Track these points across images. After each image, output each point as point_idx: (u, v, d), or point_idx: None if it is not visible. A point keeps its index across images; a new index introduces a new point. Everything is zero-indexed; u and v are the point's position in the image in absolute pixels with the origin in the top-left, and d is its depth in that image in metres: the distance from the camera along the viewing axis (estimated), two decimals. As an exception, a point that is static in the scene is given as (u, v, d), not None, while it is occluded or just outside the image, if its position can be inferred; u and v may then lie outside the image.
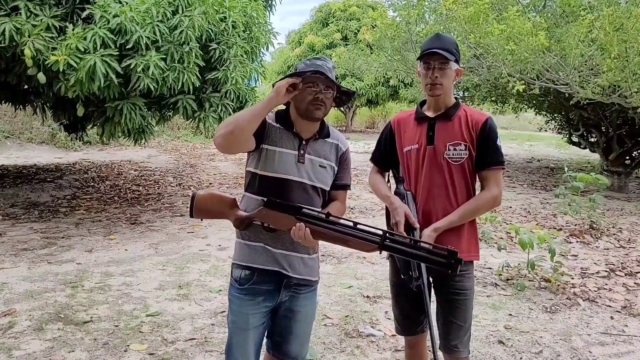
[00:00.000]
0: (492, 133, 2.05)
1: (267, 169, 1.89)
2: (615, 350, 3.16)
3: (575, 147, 11.37)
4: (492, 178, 2.06)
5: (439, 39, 2.08)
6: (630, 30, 5.77)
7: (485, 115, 2.11)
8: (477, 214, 2.09)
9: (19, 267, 4.37)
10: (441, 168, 2.06)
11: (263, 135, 1.88)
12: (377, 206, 7.28)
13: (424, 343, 2.31)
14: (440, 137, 2.07)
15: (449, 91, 2.09)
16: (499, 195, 2.07)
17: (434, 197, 2.07)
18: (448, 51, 2.02)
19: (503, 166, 2.09)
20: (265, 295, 1.95)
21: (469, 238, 2.10)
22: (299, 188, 1.90)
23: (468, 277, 2.10)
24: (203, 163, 11.41)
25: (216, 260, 4.69)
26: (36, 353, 2.90)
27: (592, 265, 4.77)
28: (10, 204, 6.70)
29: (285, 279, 1.94)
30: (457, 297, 2.09)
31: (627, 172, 9.35)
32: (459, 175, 2.06)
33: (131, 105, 5.16)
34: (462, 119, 2.08)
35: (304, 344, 2.08)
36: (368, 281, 4.22)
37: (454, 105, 2.11)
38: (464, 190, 2.07)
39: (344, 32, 19.91)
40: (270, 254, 1.92)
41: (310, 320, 2.08)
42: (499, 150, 2.07)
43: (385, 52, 10.52)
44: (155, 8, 4.94)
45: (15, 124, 12.53)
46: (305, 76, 1.86)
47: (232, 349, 1.97)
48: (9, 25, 4.51)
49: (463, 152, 2.05)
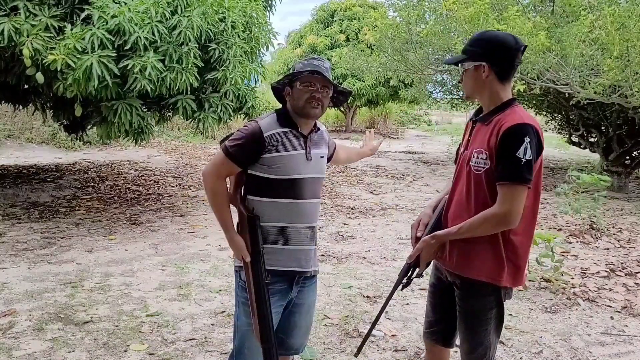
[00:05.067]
0: (513, 140, 1.74)
1: (279, 173, 1.90)
2: (615, 350, 3.15)
3: (575, 147, 11.36)
4: (501, 194, 1.77)
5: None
6: (632, 30, 5.76)
7: (520, 119, 1.78)
8: (477, 232, 1.83)
9: (19, 267, 4.36)
10: (465, 176, 1.91)
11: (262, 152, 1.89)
12: (377, 206, 7.28)
13: (441, 355, 2.19)
14: (473, 142, 1.91)
15: (481, 91, 1.90)
16: (507, 215, 1.76)
17: (453, 204, 1.96)
18: (462, 52, 1.92)
19: (520, 183, 1.74)
20: (279, 294, 1.96)
21: (485, 257, 1.87)
22: (310, 183, 1.96)
23: (477, 298, 1.92)
24: (203, 163, 11.40)
25: (216, 260, 4.68)
26: (36, 353, 2.90)
27: (592, 265, 4.77)
28: (10, 204, 6.70)
29: (298, 275, 1.97)
30: (464, 314, 1.97)
31: (627, 172, 9.35)
32: (478, 185, 1.85)
33: (127, 106, 5.14)
34: (496, 124, 1.82)
35: (306, 335, 2.12)
36: (368, 281, 4.21)
37: (498, 107, 1.87)
38: (480, 202, 1.84)
39: (347, 33, 19.87)
40: (288, 253, 1.95)
41: (313, 311, 2.12)
42: (517, 163, 1.73)
43: (385, 53, 10.52)
44: (154, 8, 4.93)
45: (15, 124, 12.52)
46: (303, 75, 1.88)
47: (244, 352, 1.95)
48: (7, 25, 4.51)
49: (484, 161, 1.82)
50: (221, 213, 1.93)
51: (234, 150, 1.88)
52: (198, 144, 15.00)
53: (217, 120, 6.02)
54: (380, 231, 5.84)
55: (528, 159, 1.73)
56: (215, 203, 1.94)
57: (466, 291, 1.94)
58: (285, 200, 1.92)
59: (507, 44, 1.83)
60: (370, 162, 11.96)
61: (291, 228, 1.94)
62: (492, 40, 1.86)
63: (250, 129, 1.89)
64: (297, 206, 1.93)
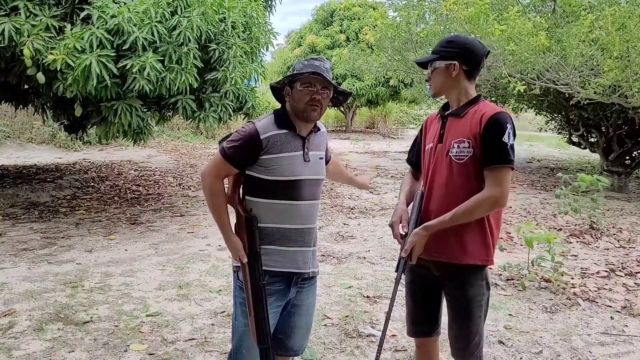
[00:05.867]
0: (498, 128, 1.91)
1: (276, 174, 1.91)
2: (615, 350, 3.15)
3: (575, 147, 11.36)
4: (492, 177, 1.92)
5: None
6: (632, 30, 5.76)
7: (496, 109, 1.97)
8: (472, 215, 1.95)
9: (19, 267, 4.36)
10: (445, 166, 2.01)
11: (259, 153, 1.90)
12: (377, 206, 7.28)
13: (431, 346, 2.27)
14: (449, 135, 2.03)
15: (450, 88, 2.05)
16: (500, 196, 1.91)
17: (435, 197, 2.05)
18: (432, 52, 2.07)
19: (508, 164, 1.92)
20: (277, 295, 1.97)
21: (475, 240, 1.99)
22: (308, 185, 1.95)
23: (472, 284, 2.02)
24: (203, 163, 11.40)
25: (216, 260, 4.68)
26: (36, 353, 2.90)
27: (592, 265, 4.77)
28: (10, 204, 6.70)
29: (295, 276, 1.97)
30: (460, 303, 2.04)
31: (627, 172, 9.35)
32: (461, 174, 1.97)
33: (127, 106, 5.14)
34: (472, 116, 1.99)
35: (306, 337, 2.11)
36: (368, 281, 4.22)
37: (469, 102, 2.03)
38: (465, 190, 1.96)
39: (347, 33, 19.86)
40: (285, 254, 1.95)
41: (313, 312, 2.11)
42: (505, 147, 1.90)
43: (385, 52, 10.51)
44: (154, 9, 4.93)
45: (15, 124, 12.53)
46: (303, 76, 1.87)
47: (242, 352, 1.96)
48: (8, 25, 4.51)
49: (467, 149, 1.96)
50: (218, 213, 1.94)
51: (231, 152, 1.89)
52: (198, 144, 15.01)
53: (217, 120, 6.02)
54: (380, 231, 5.84)
55: (512, 143, 1.92)
56: (212, 203, 1.95)
57: (461, 280, 2.02)
58: (282, 202, 1.92)
59: (477, 47, 2.02)
60: (370, 162, 11.97)
61: (289, 229, 1.94)
62: (464, 42, 2.04)
63: (247, 131, 1.90)
64: (295, 208, 1.93)
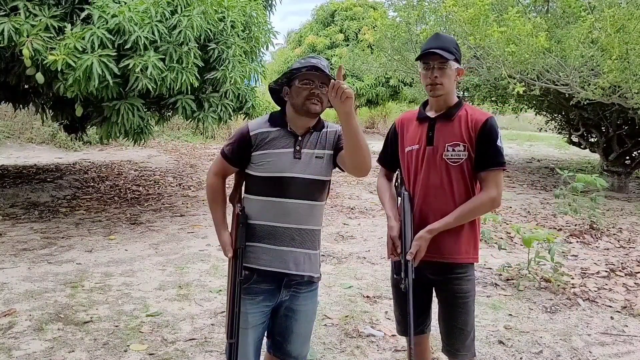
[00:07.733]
0: (492, 133, 2.00)
1: (264, 170, 1.93)
2: (615, 350, 3.15)
3: (575, 147, 11.36)
4: (490, 179, 2.01)
5: (438, 39, 2.07)
6: (631, 32, 5.76)
7: (486, 114, 2.06)
8: (474, 216, 2.05)
9: (19, 267, 4.36)
10: (439, 169, 2.05)
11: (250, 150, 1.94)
12: (377, 206, 7.28)
13: (425, 343, 2.31)
14: (440, 138, 2.05)
15: (450, 91, 2.07)
16: (498, 196, 2.02)
17: (431, 199, 2.06)
18: (447, 50, 2.01)
19: (503, 167, 2.03)
20: (265, 295, 1.96)
21: (468, 240, 2.08)
22: (298, 183, 1.92)
23: (467, 280, 2.09)
24: (203, 163, 11.40)
25: (216, 260, 4.68)
26: (36, 353, 2.90)
27: (592, 265, 4.77)
28: (10, 204, 6.70)
29: (286, 278, 1.95)
30: (456, 300, 2.08)
31: (627, 172, 9.35)
32: (458, 176, 2.03)
33: (129, 106, 5.15)
34: (462, 119, 2.05)
35: (305, 344, 2.08)
36: (368, 281, 4.21)
37: (455, 105, 2.08)
38: (462, 191, 2.04)
39: (347, 33, 19.86)
40: (274, 253, 1.94)
41: (311, 320, 2.09)
42: (499, 151, 2.02)
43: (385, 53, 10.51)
44: (154, 8, 4.93)
45: (15, 124, 12.52)
46: (301, 73, 1.87)
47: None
48: (7, 25, 4.51)
49: (462, 152, 2.02)
50: (214, 209, 2.05)
51: (227, 150, 2.00)
52: (198, 144, 15.01)
53: (217, 120, 6.02)
54: (380, 231, 5.84)
55: (503, 147, 2.05)
56: (209, 198, 2.07)
57: (458, 277, 2.07)
58: (268, 199, 1.93)
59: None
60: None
61: (274, 227, 1.93)
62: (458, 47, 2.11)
63: (240, 130, 1.99)
64: (281, 205, 1.92)
